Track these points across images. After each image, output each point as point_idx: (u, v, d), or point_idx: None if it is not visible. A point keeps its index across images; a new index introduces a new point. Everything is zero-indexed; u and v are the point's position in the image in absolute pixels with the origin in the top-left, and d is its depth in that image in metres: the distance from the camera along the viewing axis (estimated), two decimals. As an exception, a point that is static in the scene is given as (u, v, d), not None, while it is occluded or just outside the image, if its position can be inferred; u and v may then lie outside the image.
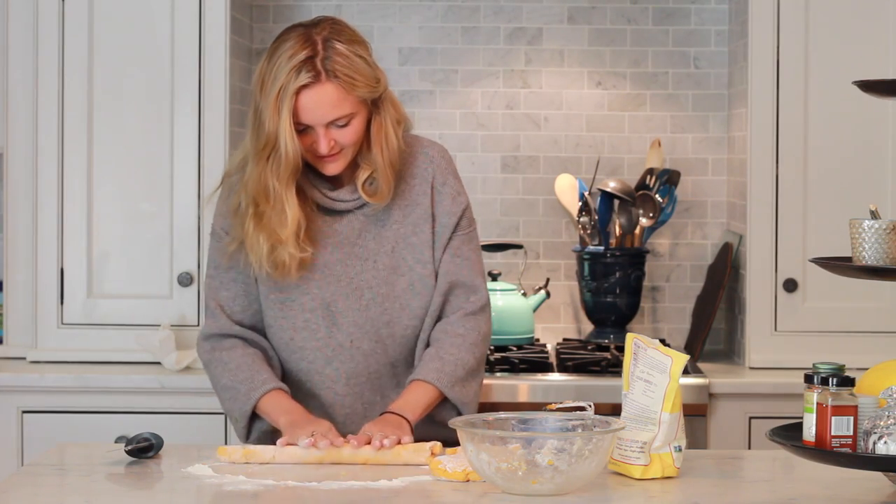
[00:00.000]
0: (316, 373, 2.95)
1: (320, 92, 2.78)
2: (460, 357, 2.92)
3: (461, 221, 2.97)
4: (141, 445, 2.75)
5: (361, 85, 2.80)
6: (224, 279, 2.95)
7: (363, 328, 2.93)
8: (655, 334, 4.39)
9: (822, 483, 2.58)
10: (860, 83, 2.56)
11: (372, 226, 2.93)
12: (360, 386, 2.96)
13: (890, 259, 2.50)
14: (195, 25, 3.95)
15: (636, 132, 4.42)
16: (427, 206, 2.94)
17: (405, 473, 2.62)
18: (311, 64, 2.77)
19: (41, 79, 3.94)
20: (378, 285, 2.92)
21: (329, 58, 2.78)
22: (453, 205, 2.96)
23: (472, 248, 2.99)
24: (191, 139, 3.94)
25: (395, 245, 2.93)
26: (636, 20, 4.42)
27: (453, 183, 2.97)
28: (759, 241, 3.97)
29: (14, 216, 4.01)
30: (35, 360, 3.94)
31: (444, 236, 2.95)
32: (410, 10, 4.42)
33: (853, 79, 2.68)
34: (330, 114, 2.79)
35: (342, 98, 2.79)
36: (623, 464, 2.61)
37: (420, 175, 2.94)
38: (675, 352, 2.61)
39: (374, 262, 2.92)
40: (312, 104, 2.78)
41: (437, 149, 3.00)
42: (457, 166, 3.05)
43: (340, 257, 2.92)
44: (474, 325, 2.95)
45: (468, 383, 2.93)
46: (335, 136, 2.82)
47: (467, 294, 2.96)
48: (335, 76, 2.78)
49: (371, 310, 2.93)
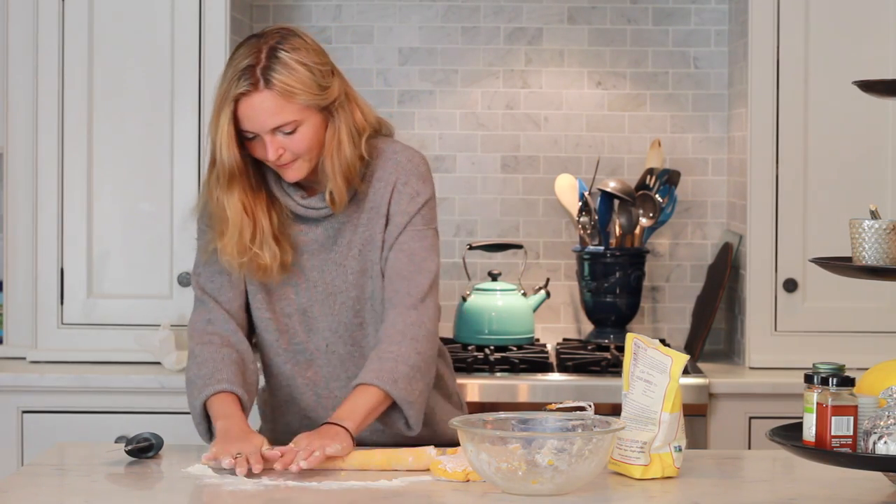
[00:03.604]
0: (299, 376, 2.98)
1: (257, 99, 2.79)
2: (400, 353, 2.84)
3: (414, 219, 2.94)
4: (141, 445, 2.75)
5: (300, 93, 2.80)
6: (210, 272, 2.97)
7: (337, 332, 2.96)
8: (655, 334, 4.39)
9: (822, 483, 2.58)
10: (860, 83, 2.56)
11: (346, 231, 2.94)
12: (340, 390, 2.97)
13: (890, 259, 2.50)
14: (195, 25, 3.95)
15: (636, 132, 4.42)
16: (385, 206, 2.94)
17: (405, 473, 2.63)
18: (252, 72, 2.80)
19: (41, 79, 3.94)
20: (349, 289, 2.94)
21: (269, 67, 2.80)
22: (409, 204, 2.94)
23: (423, 245, 2.94)
24: (191, 139, 3.94)
25: (362, 248, 2.94)
26: (636, 20, 4.42)
27: (415, 183, 2.95)
28: (759, 241, 3.97)
29: (14, 216, 4.01)
30: (35, 360, 3.94)
31: (394, 234, 2.94)
32: (410, 10, 4.42)
33: (853, 79, 2.68)
34: (269, 121, 2.80)
35: (280, 106, 2.80)
36: (623, 464, 2.61)
37: (385, 178, 2.94)
38: (675, 352, 2.61)
39: (344, 266, 2.95)
40: (251, 111, 2.80)
41: (408, 153, 2.97)
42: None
43: (316, 263, 2.95)
44: (415, 319, 2.89)
45: (413, 381, 2.84)
46: (283, 143, 2.83)
47: (408, 287, 2.91)
48: (272, 84, 2.79)
49: (343, 314, 2.95)
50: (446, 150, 4.42)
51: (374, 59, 4.41)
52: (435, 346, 2.93)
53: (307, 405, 2.99)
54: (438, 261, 2.97)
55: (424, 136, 4.41)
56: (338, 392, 2.97)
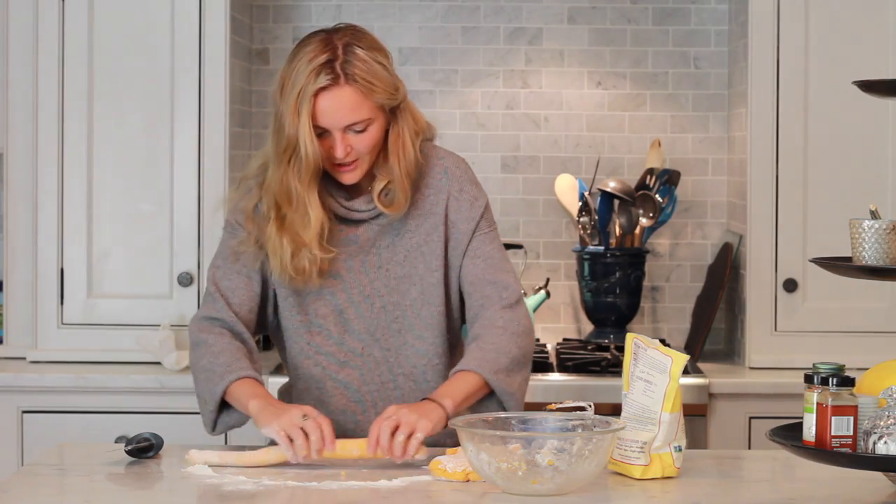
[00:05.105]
0: (329, 378, 2.94)
1: (339, 95, 2.78)
2: (502, 346, 2.86)
3: (480, 223, 2.96)
4: (141, 445, 2.75)
5: (380, 90, 2.81)
6: (228, 270, 2.93)
7: (374, 335, 2.93)
8: (655, 334, 4.39)
9: (822, 483, 2.58)
10: (860, 83, 2.56)
11: (386, 235, 2.93)
12: (372, 394, 2.94)
13: (890, 259, 2.50)
14: (195, 25, 3.95)
15: (636, 132, 4.42)
16: (441, 215, 2.93)
17: (405, 473, 2.63)
18: (331, 67, 2.78)
19: (41, 79, 3.94)
20: (389, 293, 2.92)
21: (349, 62, 2.79)
22: (471, 210, 2.95)
23: (494, 247, 2.96)
24: (191, 139, 3.94)
25: (408, 254, 2.93)
26: (636, 20, 4.42)
27: (470, 189, 2.96)
28: (759, 241, 3.97)
29: (14, 216, 4.01)
30: (35, 360, 3.94)
31: (464, 242, 2.94)
32: (410, 10, 4.42)
33: (853, 79, 2.68)
34: (348, 117, 2.79)
35: (360, 102, 2.79)
36: (623, 464, 2.61)
37: (434, 185, 2.94)
38: (675, 352, 2.61)
39: (386, 270, 2.92)
40: (330, 107, 2.79)
41: (453, 159, 2.99)
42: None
43: (354, 265, 2.92)
44: (513, 316, 2.90)
45: (513, 373, 2.86)
46: (352, 141, 2.82)
47: (498, 290, 2.92)
48: (354, 80, 2.78)
49: (382, 318, 2.93)
50: (446, 150, 4.41)
51: (374, 59, 4.41)
52: (532, 343, 2.94)
53: (336, 408, 2.94)
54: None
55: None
56: (369, 397, 2.94)
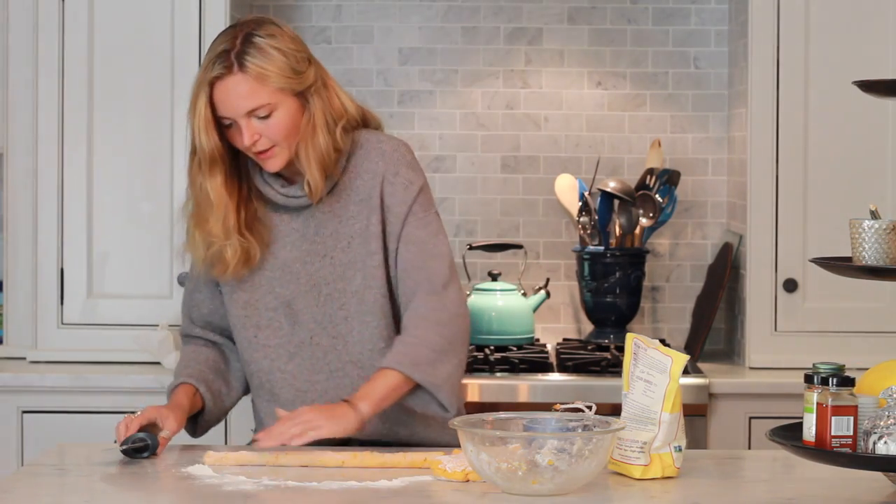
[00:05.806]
0: (278, 370, 2.98)
1: (231, 82, 2.82)
2: (424, 337, 2.88)
3: (413, 207, 2.95)
4: (136, 446, 2.75)
5: (274, 75, 2.83)
6: (191, 288, 3.06)
7: (322, 324, 2.95)
8: (655, 334, 4.39)
9: (822, 483, 2.58)
10: (860, 83, 2.56)
11: (330, 223, 2.95)
12: (321, 384, 2.97)
13: (890, 259, 2.50)
14: (195, 25, 3.95)
15: (636, 132, 4.42)
16: (377, 199, 2.94)
17: (405, 473, 2.63)
18: (226, 56, 2.83)
19: (41, 79, 3.94)
20: (335, 280, 2.94)
21: (244, 51, 2.83)
22: (405, 193, 2.95)
23: (429, 231, 2.96)
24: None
25: (351, 241, 2.94)
26: (636, 20, 4.42)
27: (405, 172, 2.96)
28: (759, 241, 3.97)
29: (14, 216, 4.01)
30: (35, 360, 3.95)
31: (397, 227, 2.95)
32: (410, 10, 4.42)
33: (853, 79, 2.67)
34: (244, 104, 2.83)
35: (255, 89, 2.82)
36: (623, 464, 2.61)
37: (372, 170, 2.95)
38: (675, 352, 2.61)
39: (331, 258, 2.95)
40: (224, 95, 2.83)
41: (393, 143, 2.98)
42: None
43: (299, 255, 2.95)
44: (438, 303, 2.91)
45: (437, 364, 2.87)
46: (259, 128, 2.85)
47: (427, 276, 2.93)
48: (245, 67, 2.82)
49: (328, 305, 2.95)
50: (446, 150, 4.42)
51: (374, 59, 4.41)
52: (462, 328, 2.94)
53: (287, 399, 2.98)
54: (447, 242, 2.99)
55: (424, 137, 4.40)
56: (319, 386, 2.97)
